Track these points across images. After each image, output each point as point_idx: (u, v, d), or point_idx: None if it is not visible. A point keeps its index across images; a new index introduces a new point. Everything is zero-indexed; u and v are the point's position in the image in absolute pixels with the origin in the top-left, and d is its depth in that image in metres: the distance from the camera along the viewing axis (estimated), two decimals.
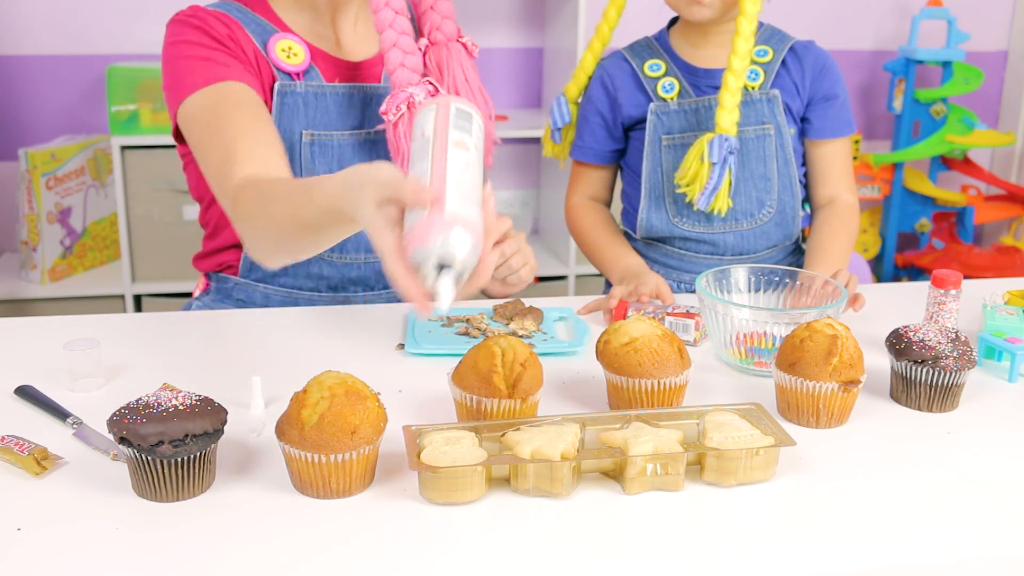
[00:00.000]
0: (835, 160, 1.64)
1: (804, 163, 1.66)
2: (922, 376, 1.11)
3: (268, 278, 1.46)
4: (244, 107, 1.25)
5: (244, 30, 1.34)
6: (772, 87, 1.58)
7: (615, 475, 0.95)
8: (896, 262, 3.22)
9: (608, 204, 1.73)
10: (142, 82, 2.52)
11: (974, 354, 1.13)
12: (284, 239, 1.09)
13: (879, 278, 3.21)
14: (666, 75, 1.59)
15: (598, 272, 1.70)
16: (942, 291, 1.31)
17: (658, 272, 1.62)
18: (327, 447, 0.88)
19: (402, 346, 1.28)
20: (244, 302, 1.47)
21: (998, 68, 3.33)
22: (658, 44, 1.63)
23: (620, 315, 1.38)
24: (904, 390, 1.14)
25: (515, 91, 3.02)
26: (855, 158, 3.09)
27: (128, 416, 0.88)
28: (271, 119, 1.29)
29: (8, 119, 2.74)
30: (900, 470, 0.99)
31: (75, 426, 1.03)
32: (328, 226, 1.00)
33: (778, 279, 1.34)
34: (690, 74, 1.59)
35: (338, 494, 0.91)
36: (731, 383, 1.20)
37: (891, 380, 1.16)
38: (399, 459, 0.96)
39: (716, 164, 1.48)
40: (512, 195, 3.10)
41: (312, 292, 1.47)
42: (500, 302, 1.41)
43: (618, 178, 1.74)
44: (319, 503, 0.90)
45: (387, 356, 1.26)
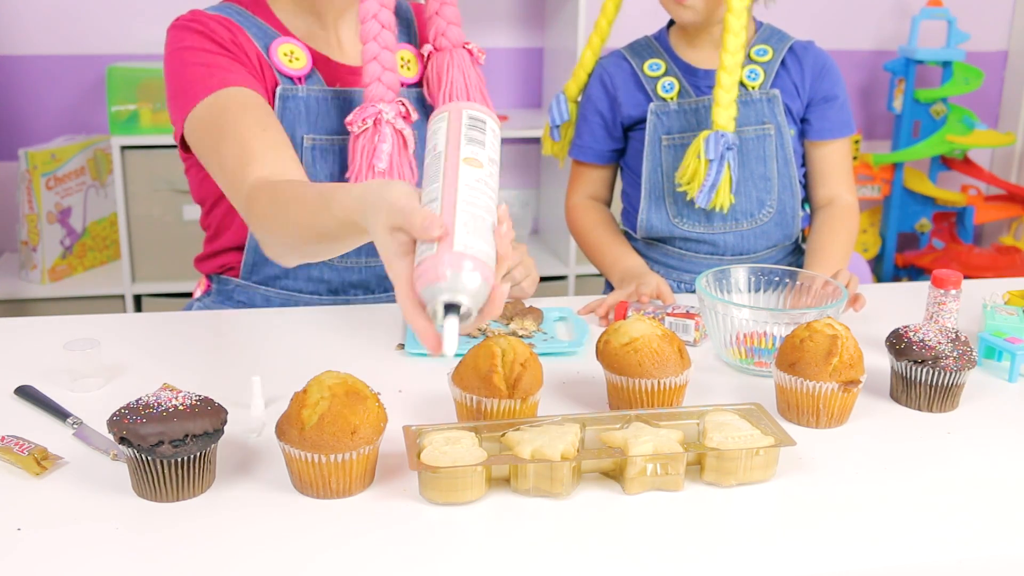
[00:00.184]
0: (835, 161, 1.64)
1: (803, 164, 1.66)
2: (922, 376, 1.11)
3: (269, 281, 1.46)
4: (251, 111, 1.24)
5: (246, 34, 1.34)
6: (772, 87, 1.58)
7: (615, 475, 0.95)
8: (896, 262, 3.22)
9: (608, 203, 1.73)
10: (142, 82, 2.52)
11: (974, 354, 1.13)
12: (301, 243, 1.07)
13: (879, 278, 3.21)
14: (666, 75, 1.59)
15: (598, 272, 1.70)
16: (942, 291, 1.31)
17: (658, 272, 1.62)
18: (327, 447, 0.88)
19: (402, 346, 1.28)
20: (245, 304, 1.47)
21: (998, 68, 3.33)
22: (658, 44, 1.63)
23: (620, 315, 1.38)
24: (904, 390, 1.14)
25: (515, 91, 3.02)
26: (855, 158, 3.09)
27: (128, 416, 0.88)
28: (278, 120, 1.28)
29: (8, 119, 2.74)
30: (900, 470, 0.99)
31: (75, 426, 1.03)
32: (346, 236, 0.99)
33: (778, 279, 1.34)
34: (690, 74, 1.59)
35: (338, 494, 0.91)
36: (731, 383, 1.20)
37: (891, 380, 1.16)
38: (399, 459, 0.96)
39: (713, 161, 1.48)
40: (512, 195, 3.10)
41: (312, 295, 1.47)
42: None
43: (618, 178, 1.74)
44: (319, 503, 0.90)
45: (387, 356, 1.26)
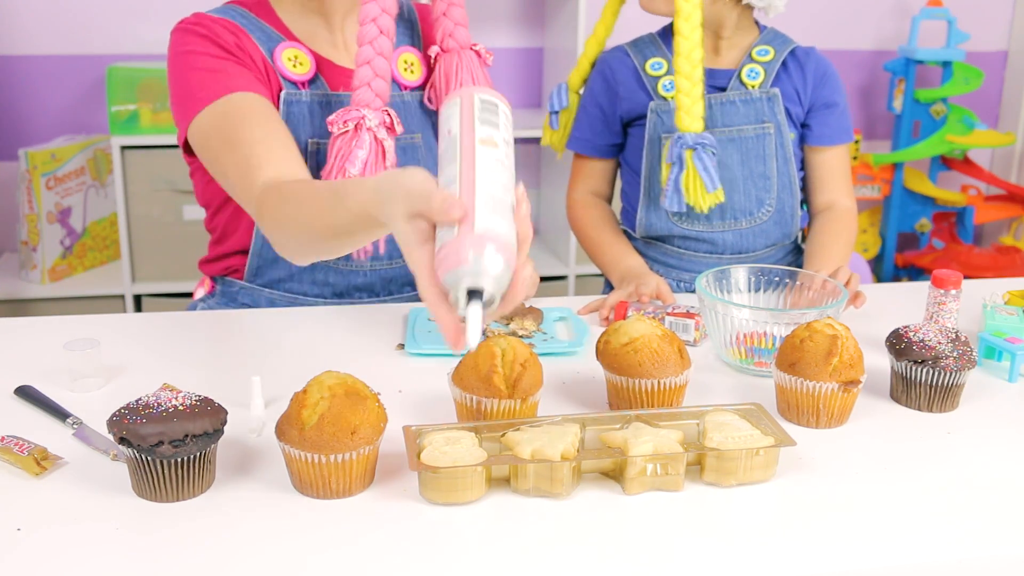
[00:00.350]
0: (834, 166, 1.65)
1: (802, 168, 1.66)
2: (922, 376, 1.11)
3: (274, 283, 1.46)
4: (256, 114, 1.24)
5: (250, 38, 1.33)
6: (772, 87, 1.58)
7: (615, 475, 0.95)
8: (896, 262, 3.22)
9: (609, 199, 1.73)
10: (142, 82, 2.52)
11: (974, 354, 1.13)
12: (315, 242, 1.07)
13: (879, 278, 3.21)
14: (667, 73, 1.59)
15: (598, 272, 1.70)
16: (942, 291, 1.31)
17: (658, 271, 1.62)
18: (327, 447, 0.88)
19: (402, 346, 1.28)
20: (249, 306, 1.47)
21: (998, 68, 3.33)
22: (661, 41, 1.63)
23: (620, 315, 1.38)
24: (904, 390, 1.14)
25: (515, 91, 3.02)
26: (855, 158, 3.09)
27: (128, 416, 0.88)
28: (283, 123, 1.28)
29: (8, 119, 2.74)
30: (900, 470, 0.99)
31: (75, 426, 1.03)
32: (361, 230, 0.98)
33: (778, 279, 1.34)
34: None
35: (338, 494, 0.91)
36: (731, 383, 1.20)
37: (891, 380, 1.16)
38: (399, 459, 0.96)
39: (673, 164, 1.49)
40: None
41: (317, 298, 1.47)
42: None
43: (618, 176, 1.74)
44: (319, 503, 0.90)
45: (387, 356, 1.26)
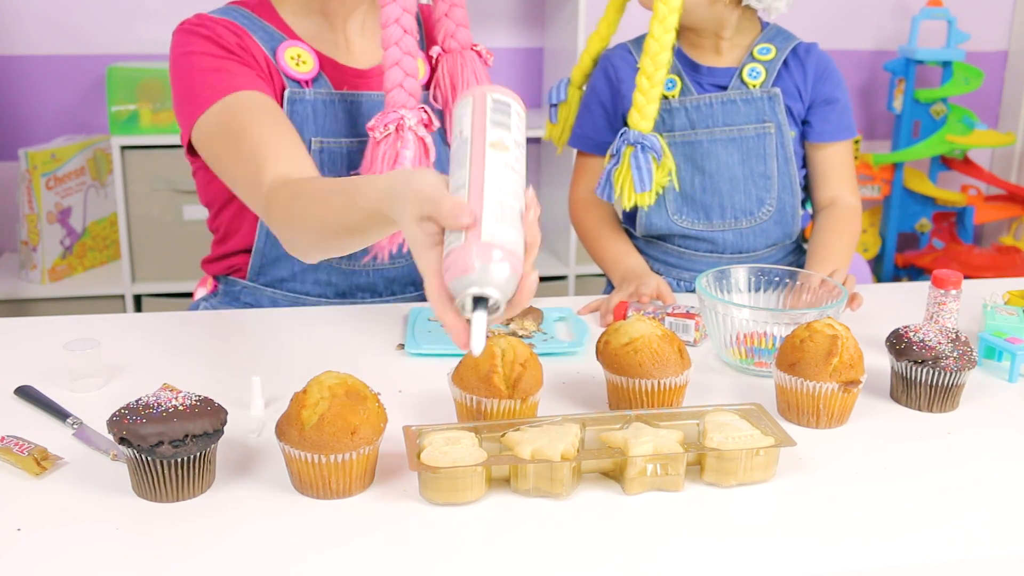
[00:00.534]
0: (836, 163, 1.64)
1: (804, 165, 1.66)
2: (922, 376, 1.11)
3: (276, 283, 1.46)
4: (261, 112, 1.24)
5: (252, 38, 1.33)
6: (773, 86, 1.58)
7: (615, 475, 0.95)
8: (896, 262, 3.21)
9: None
10: (142, 82, 2.52)
11: (974, 354, 1.13)
12: (326, 239, 1.07)
13: (879, 278, 3.21)
14: (668, 72, 1.59)
15: (598, 272, 1.70)
16: (942, 291, 1.31)
17: (658, 270, 1.62)
18: (327, 447, 0.88)
19: (402, 346, 1.28)
20: (251, 306, 1.47)
21: (998, 68, 3.33)
22: None
23: (620, 315, 1.38)
24: (904, 390, 1.14)
25: (515, 91, 3.01)
26: (855, 158, 3.08)
27: (128, 416, 0.88)
28: (288, 120, 1.28)
29: (8, 119, 2.74)
30: (900, 470, 0.99)
31: (75, 426, 1.03)
32: (373, 227, 0.98)
33: (778, 279, 1.34)
34: (692, 71, 1.59)
35: (338, 494, 0.91)
36: (731, 383, 1.20)
37: (891, 380, 1.16)
38: (399, 459, 0.96)
39: (612, 156, 1.51)
40: None
41: (320, 298, 1.47)
42: None
43: None
44: (319, 503, 0.90)
45: (387, 356, 1.26)
